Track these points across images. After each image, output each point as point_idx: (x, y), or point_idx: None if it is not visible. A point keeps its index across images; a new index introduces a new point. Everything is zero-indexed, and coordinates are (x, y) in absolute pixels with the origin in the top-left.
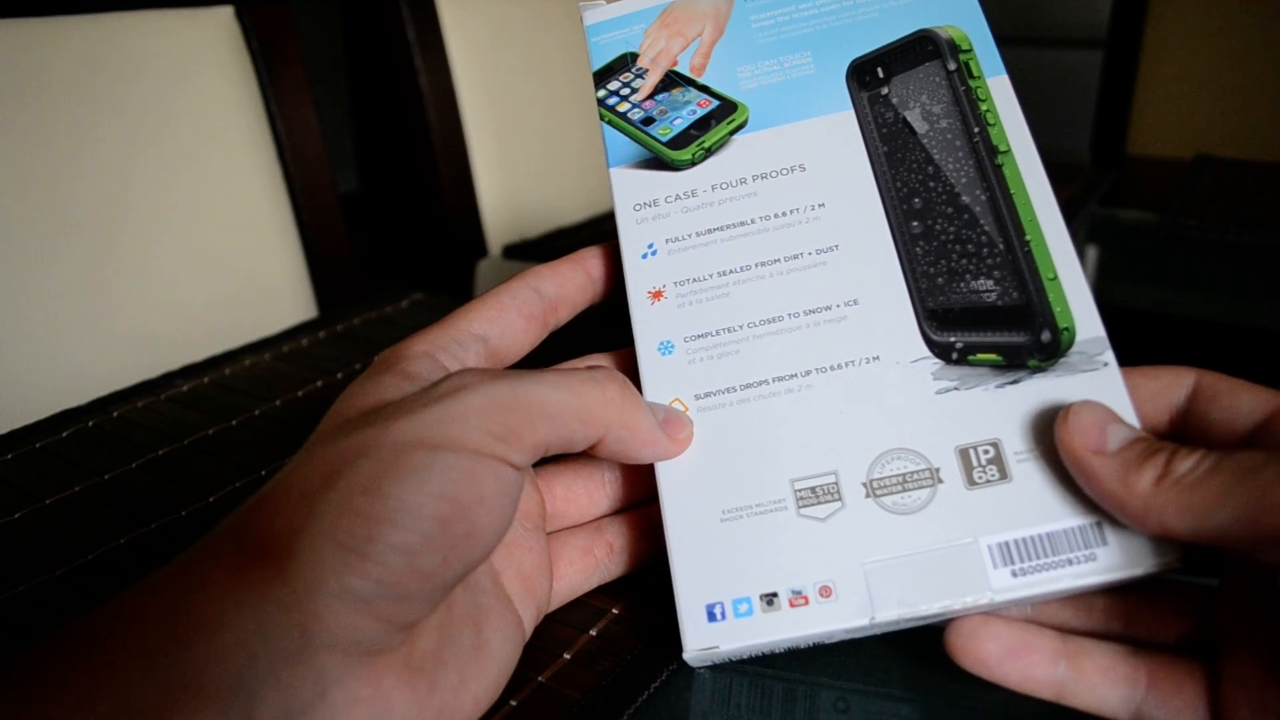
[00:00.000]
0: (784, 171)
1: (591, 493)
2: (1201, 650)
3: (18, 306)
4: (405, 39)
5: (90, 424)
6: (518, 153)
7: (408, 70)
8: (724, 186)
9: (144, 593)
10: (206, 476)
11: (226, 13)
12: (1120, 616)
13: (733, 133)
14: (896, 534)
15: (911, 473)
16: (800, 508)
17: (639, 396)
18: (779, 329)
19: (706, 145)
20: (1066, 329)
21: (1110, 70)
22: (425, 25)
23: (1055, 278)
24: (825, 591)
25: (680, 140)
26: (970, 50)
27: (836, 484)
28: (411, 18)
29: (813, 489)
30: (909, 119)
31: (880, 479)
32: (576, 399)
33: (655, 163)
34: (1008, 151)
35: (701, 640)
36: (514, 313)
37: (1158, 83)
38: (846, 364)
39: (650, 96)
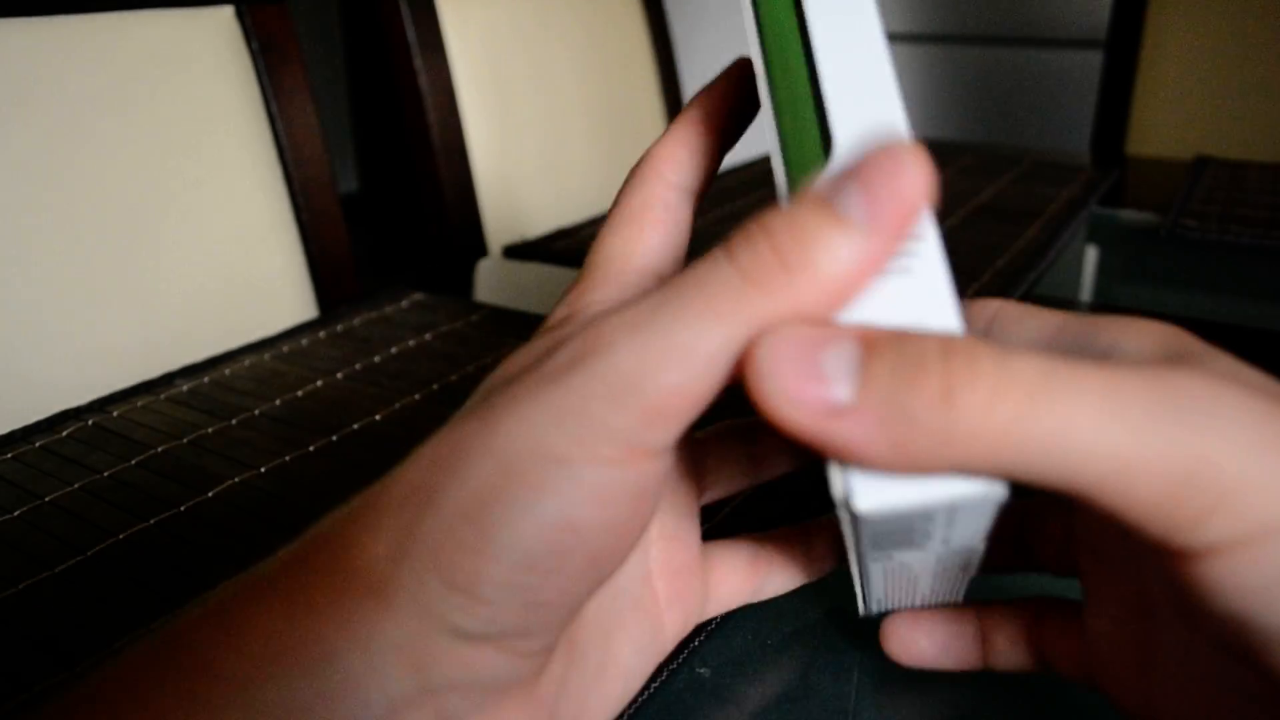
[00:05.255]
0: None
1: (739, 461)
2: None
3: (18, 306)
4: (405, 39)
5: (90, 423)
6: (518, 153)
7: (408, 70)
8: None
9: (241, 606)
10: (206, 473)
11: (226, 13)
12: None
13: None
14: None
15: None
16: None
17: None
18: None
19: None
20: None
21: (1110, 70)
22: (425, 25)
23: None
24: None
25: None
26: None
27: None
28: (411, 18)
29: None
30: None
31: None
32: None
33: None
34: None
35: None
36: (655, 228)
37: (1158, 83)
38: None
39: None
